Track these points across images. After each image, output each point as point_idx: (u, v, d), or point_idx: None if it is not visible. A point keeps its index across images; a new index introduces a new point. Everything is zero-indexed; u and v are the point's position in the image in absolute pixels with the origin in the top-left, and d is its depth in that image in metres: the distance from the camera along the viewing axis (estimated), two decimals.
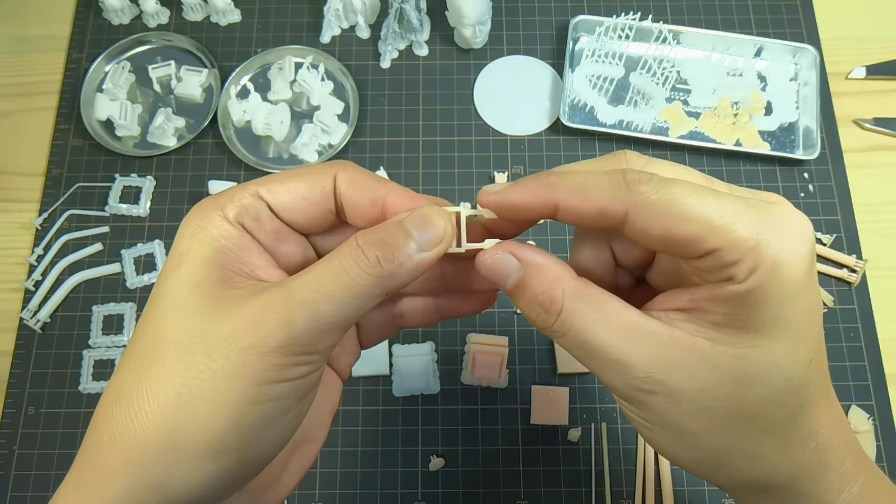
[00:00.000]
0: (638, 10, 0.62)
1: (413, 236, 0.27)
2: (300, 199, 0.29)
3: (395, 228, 0.27)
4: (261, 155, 0.63)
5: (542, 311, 0.28)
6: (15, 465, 0.54)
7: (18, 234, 0.61)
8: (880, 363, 0.56)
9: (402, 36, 0.66)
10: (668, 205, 0.26)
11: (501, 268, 0.29)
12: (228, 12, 0.67)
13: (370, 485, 0.53)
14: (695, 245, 0.26)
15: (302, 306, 0.26)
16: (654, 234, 0.26)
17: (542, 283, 0.28)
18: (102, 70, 0.66)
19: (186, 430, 0.25)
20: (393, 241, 0.27)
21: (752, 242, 0.25)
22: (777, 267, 0.26)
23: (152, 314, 0.27)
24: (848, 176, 0.62)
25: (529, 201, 0.28)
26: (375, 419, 0.54)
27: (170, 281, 0.27)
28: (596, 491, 0.52)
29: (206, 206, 0.28)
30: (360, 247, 0.27)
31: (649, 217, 0.26)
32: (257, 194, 0.28)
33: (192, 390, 0.25)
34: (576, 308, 0.27)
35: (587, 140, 0.63)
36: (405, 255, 0.27)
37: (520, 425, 0.54)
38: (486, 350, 0.52)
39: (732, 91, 0.64)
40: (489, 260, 0.29)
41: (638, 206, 0.26)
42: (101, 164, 0.63)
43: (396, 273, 0.27)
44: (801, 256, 0.26)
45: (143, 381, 0.25)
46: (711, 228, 0.25)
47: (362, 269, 0.26)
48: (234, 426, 0.25)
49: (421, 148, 0.63)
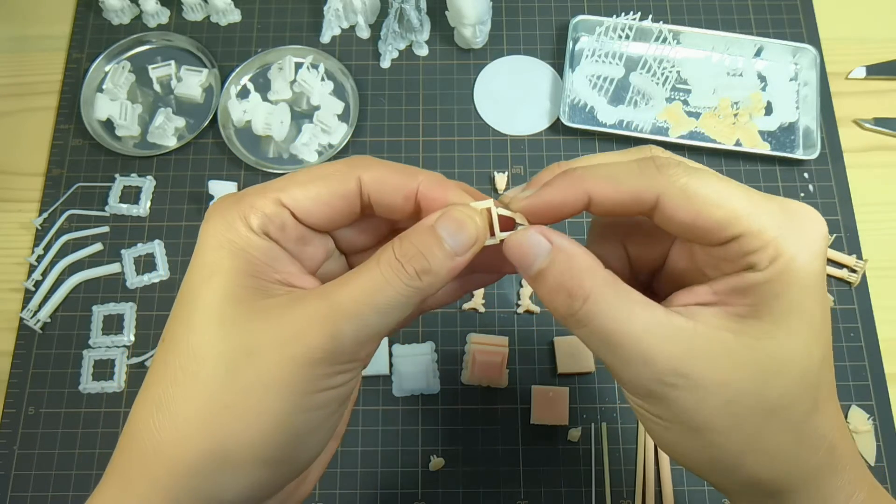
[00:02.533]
0: (638, 10, 0.62)
1: (447, 242, 0.27)
2: (323, 205, 0.29)
3: (430, 238, 0.27)
4: (261, 155, 0.63)
5: (569, 296, 0.27)
6: (15, 465, 0.54)
7: (18, 234, 0.61)
8: (880, 363, 0.56)
9: (402, 36, 0.66)
10: (698, 188, 0.26)
11: (531, 249, 0.28)
12: (228, 12, 0.67)
13: (370, 485, 0.53)
14: (721, 230, 0.26)
15: (348, 318, 0.26)
16: (683, 217, 0.27)
17: (572, 267, 0.27)
18: (102, 70, 0.66)
19: (235, 441, 0.25)
20: (429, 252, 0.27)
21: (775, 232, 0.26)
22: (796, 259, 0.26)
23: (187, 325, 0.27)
24: (848, 176, 0.62)
25: (563, 199, 0.28)
26: (375, 419, 0.54)
27: (203, 292, 0.27)
28: (596, 491, 0.52)
29: (229, 215, 0.28)
30: (398, 260, 0.27)
31: (680, 201, 0.27)
32: (279, 202, 0.28)
33: (239, 401, 0.25)
34: (603, 296, 0.27)
35: (587, 140, 0.63)
36: (440, 264, 0.27)
37: (520, 425, 0.54)
38: (486, 350, 0.52)
39: (732, 91, 0.64)
40: (519, 240, 0.28)
41: (669, 189, 0.27)
42: (101, 164, 0.63)
43: (434, 283, 0.27)
44: (818, 254, 0.27)
45: (187, 392, 0.26)
46: (738, 215, 0.26)
47: (403, 281, 0.26)
48: (282, 435, 0.26)
49: (421, 148, 0.63)
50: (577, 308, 0.27)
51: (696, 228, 0.27)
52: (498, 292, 0.58)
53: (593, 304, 0.27)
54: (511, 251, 0.29)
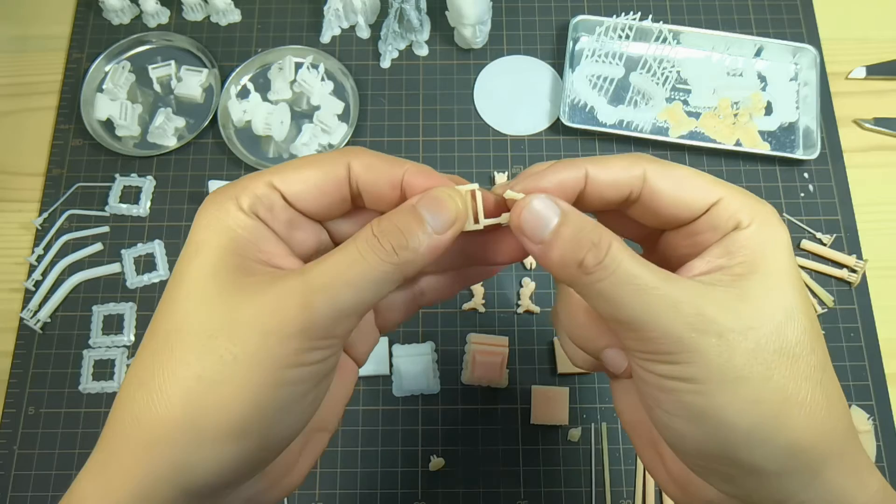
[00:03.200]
0: (638, 10, 0.62)
1: (426, 220, 0.28)
2: (313, 188, 0.29)
3: (409, 215, 0.28)
4: (261, 155, 0.63)
5: (594, 245, 0.27)
6: (15, 465, 0.54)
7: (18, 234, 0.61)
8: (880, 363, 0.56)
9: (402, 36, 0.66)
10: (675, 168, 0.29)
11: (542, 211, 0.28)
12: (228, 12, 0.67)
13: (370, 485, 0.53)
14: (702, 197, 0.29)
15: (321, 291, 0.26)
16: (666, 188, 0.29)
17: (588, 222, 0.28)
18: (102, 70, 0.66)
19: (207, 413, 0.25)
20: (407, 229, 0.27)
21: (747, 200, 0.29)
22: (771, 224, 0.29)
23: (171, 300, 0.27)
24: (848, 176, 0.62)
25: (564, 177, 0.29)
26: (375, 419, 0.54)
27: (188, 268, 0.27)
28: (596, 491, 0.52)
29: (221, 197, 0.28)
30: (375, 236, 0.27)
31: (663, 177, 0.29)
32: (271, 184, 0.29)
33: (214, 374, 0.26)
34: (622, 246, 0.27)
35: (587, 140, 0.63)
36: (419, 240, 0.27)
37: (520, 425, 0.54)
38: (486, 350, 0.52)
39: (732, 91, 0.64)
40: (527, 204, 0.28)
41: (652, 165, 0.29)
42: (101, 164, 0.63)
43: (413, 260, 0.27)
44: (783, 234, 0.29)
45: (165, 364, 0.26)
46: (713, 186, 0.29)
47: (379, 257, 0.27)
48: (254, 409, 0.26)
49: (421, 148, 0.63)
50: (603, 255, 0.27)
51: (679, 201, 0.29)
52: (498, 292, 0.58)
53: (617, 250, 0.27)
54: (521, 219, 0.28)
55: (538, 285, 0.58)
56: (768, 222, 0.29)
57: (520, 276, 0.58)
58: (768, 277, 0.28)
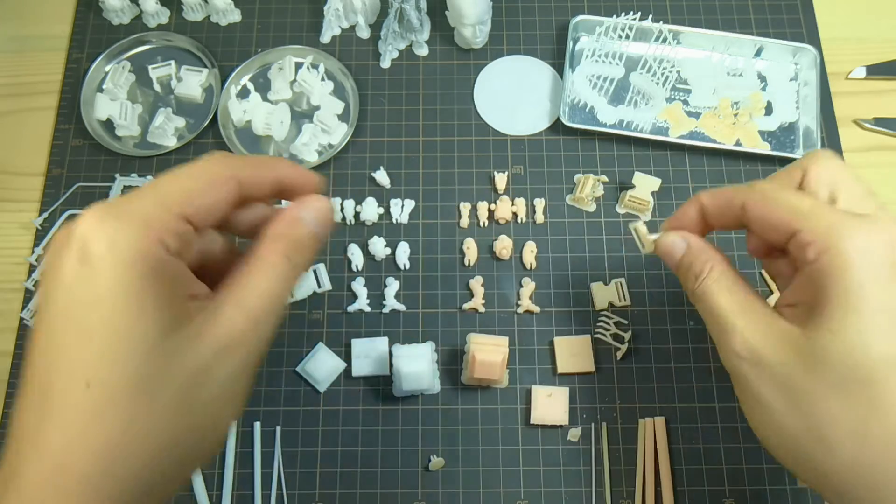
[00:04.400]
0: (638, 10, 0.62)
1: (313, 228, 0.33)
2: (217, 210, 0.31)
3: (302, 229, 0.32)
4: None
5: (694, 277, 0.38)
6: None
7: (18, 234, 0.61)
8: None
9: (402, 36, 0.66)
10: (773, 193, 0.35)
11: (674, 246, 0.40)
12: (228, 12, 0.67)
13: (370, 485, 0.53)
14: (783, 226, 0.34)
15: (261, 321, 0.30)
16: (759, 214, 0.36)
17: (699, 256, 0.38)
18: (102, 70, 0.66)
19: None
20: (302, 242, 0.32)
21: (825, 229, 0.32)
22: (844, 251, 0.31)
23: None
24: None
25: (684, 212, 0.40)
26: (375, 419, 0.54)
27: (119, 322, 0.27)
28: (596, 491, 0.52)
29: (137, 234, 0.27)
30: (286, 256, 0.31)
31: (758, 202, 0.36)
32: (183, 217, 0.29)
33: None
34: (714, 281, 0.37)
35: (587, 140, 0.63)
36: (313, 251, 0.33)
37: (520, 425, 0.54)
38: (486, 350, 0.52)
39: (732, 91, 0.64)
40: (666, 241, 0.40)
41: (751, 195, 0.36)
42: (101, 164, 0.63)
43: (309, 262, 0.33)
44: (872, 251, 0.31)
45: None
46: (796, 214, 0.34)
47: (294, 274, 0.32)
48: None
49: (421, 148, 0.63)
50: (696, 286, 0.38)
51: (768, 226, 0.35)
52: (498, 292, 0.58)
53: (705, 285, 0.37)
54: (659, 248, 0.41)
55: (538, 285, 0.58)
56: (840, 253, 0.31)
57: (520, 276, 0.58)
58: (821, 317, 0.32)
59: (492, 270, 0.59)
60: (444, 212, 0.61)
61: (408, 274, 0.59)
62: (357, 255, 0.59)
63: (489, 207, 0.60)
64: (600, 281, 0.58)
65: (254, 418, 0.54)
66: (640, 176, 0.59)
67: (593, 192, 0.60)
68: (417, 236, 0.60)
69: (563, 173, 0.62)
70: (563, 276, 0.58)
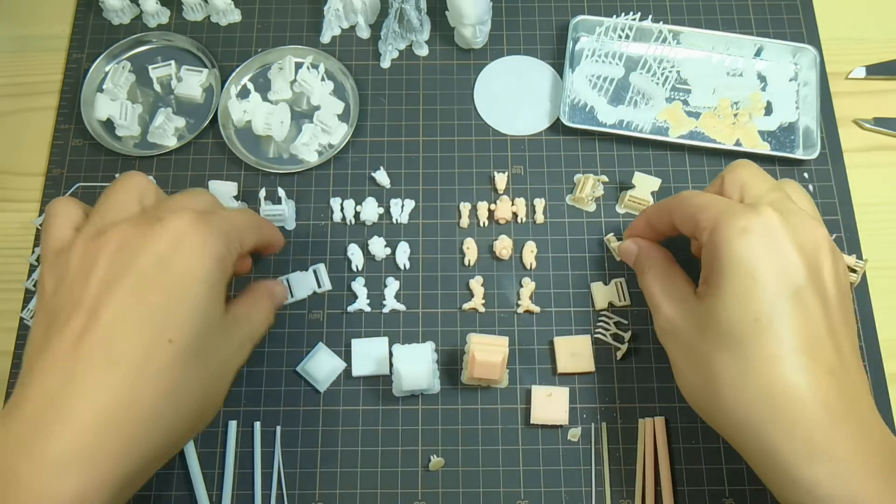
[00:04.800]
0: (638, 10, 0.62)
1: (281, 298, 0.51)
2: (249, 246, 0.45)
3: (278, 292, 0.51)
4: (261, 155, 0.63)
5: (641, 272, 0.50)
6: None
7: (19, 234, 0.61)
8: (880, 363, 0.56)
9: (402, 36, 0.66)
10: (685, 197, 0.45)
11: (628, 250, 0.52)
12: (228, 12, 0.67)
13: (370, 485, 0.53)
14: (689, 218, 0.43)
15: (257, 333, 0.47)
16: (677, 216, 0.45)
17: (642, 259, 0.50)
18: (102, 70, 0.66)
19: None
20: (277, 299, 0.50)
21: (715, 215, 0.40)
22: (726, 231, 0.39)
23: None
24: (848, 176, 0.62)
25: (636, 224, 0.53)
26: (375, 419, 0.54)
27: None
28: (596, 491, 0.52)
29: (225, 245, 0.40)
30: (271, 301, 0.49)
31: (676, 206, 0.46)
32: (240, 242, 0.43)
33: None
34: (652, 275, 0.48)
35: (587, 140, 0.63)
36: (278, 306, 0.50)
37: (520, 425, 0.54)
38: (486, 350, 0.52)
39: (732, 91, 0.64)
40: (622, 247, 0.53)
41: (673, 201, 0.46)
42: (101, 164, 0.63)
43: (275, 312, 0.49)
44: (745, 230, 0.38)
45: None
46: (698, 208, 0.42)
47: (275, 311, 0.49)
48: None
49: (421, 148, 0.63)
50: (641, 279, 0.49)
51: (681, 220, 0.45)
52: (498, 292, 0.58)
53: (647, 277, 0.48)
54: (620, 252, 0.54)
55: (538, 285, 0.58)
56: (717, 233, 0.40)
57: (520, 276, 0.58)
58: (709, 286, 0.41)
59: (492, 270, 0.59)
60: (444, 212, 0.61)
61: (408, 274, 0.59)
62: (357, 255, 0.59)
63: (489, 207, 0.60)
64: (600, 281, 0.58)
65: (254, 418, 0.54)
66: (640, 176, 0.59)
67: (593, 192, 0.60)
68: (417, 236, 0.60)
69: (563, 173, 0.62)
70: (563, 276, 0.58)
